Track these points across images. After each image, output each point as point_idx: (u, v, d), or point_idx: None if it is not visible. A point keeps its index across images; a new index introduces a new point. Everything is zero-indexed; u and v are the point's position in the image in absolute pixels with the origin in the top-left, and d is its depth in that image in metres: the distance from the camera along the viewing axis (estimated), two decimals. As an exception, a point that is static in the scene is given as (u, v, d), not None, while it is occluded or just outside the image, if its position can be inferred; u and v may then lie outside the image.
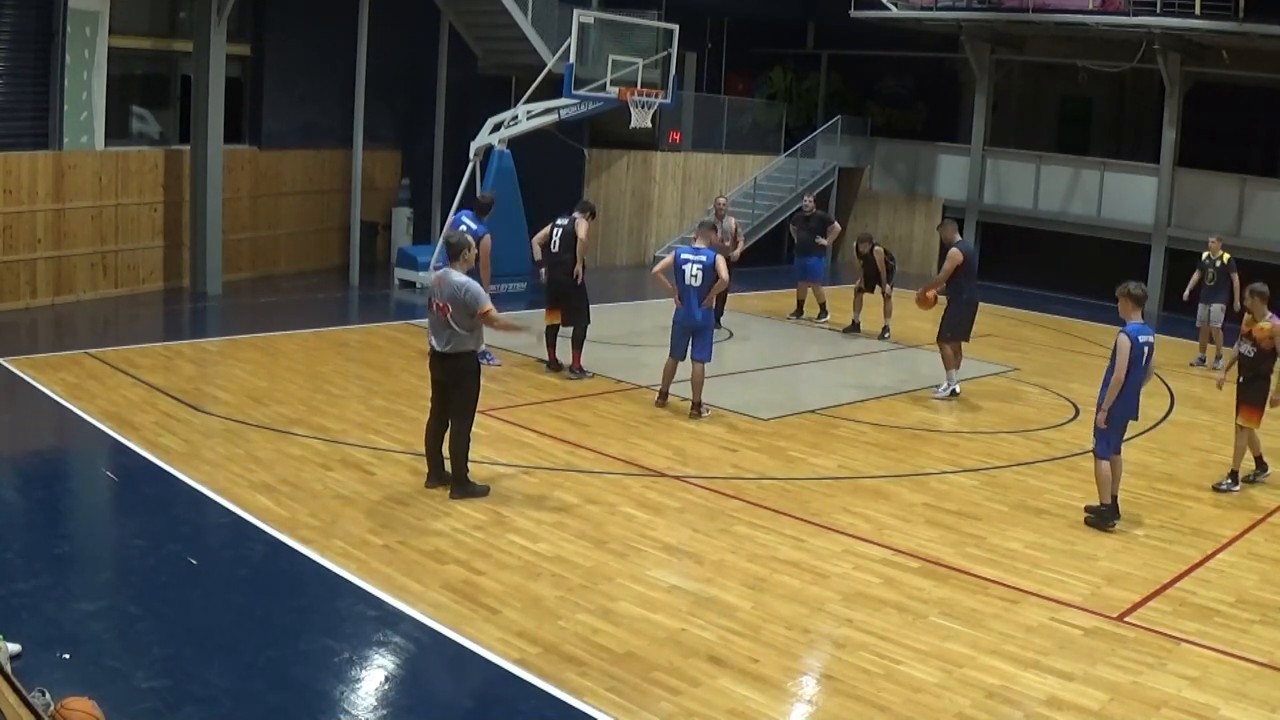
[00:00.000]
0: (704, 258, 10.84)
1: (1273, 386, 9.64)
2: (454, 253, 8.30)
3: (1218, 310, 14.97)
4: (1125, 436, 9.03)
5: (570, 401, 11.42)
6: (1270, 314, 9.67)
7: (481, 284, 12.06)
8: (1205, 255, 15.17)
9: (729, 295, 17.15)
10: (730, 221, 16.45)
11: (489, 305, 8.16)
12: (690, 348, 11.03)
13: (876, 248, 15.93)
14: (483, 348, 12.52)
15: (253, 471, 8.70)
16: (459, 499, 8.31)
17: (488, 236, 12.11)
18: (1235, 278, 14.70)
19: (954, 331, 12.38)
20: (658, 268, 11.40)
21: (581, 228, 12.20)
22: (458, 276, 8.14)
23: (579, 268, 12.19)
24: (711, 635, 6.44)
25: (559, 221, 12.31)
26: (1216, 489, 9.69)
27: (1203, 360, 15.10)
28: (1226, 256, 14.93)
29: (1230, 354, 9.89)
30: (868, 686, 5.95)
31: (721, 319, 16.70)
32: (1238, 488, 9.71)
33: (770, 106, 25.02)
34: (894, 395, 12.57)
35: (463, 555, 7.38)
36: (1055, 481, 9.73)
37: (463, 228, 12.43)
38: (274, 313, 15.38)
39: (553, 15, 18.76)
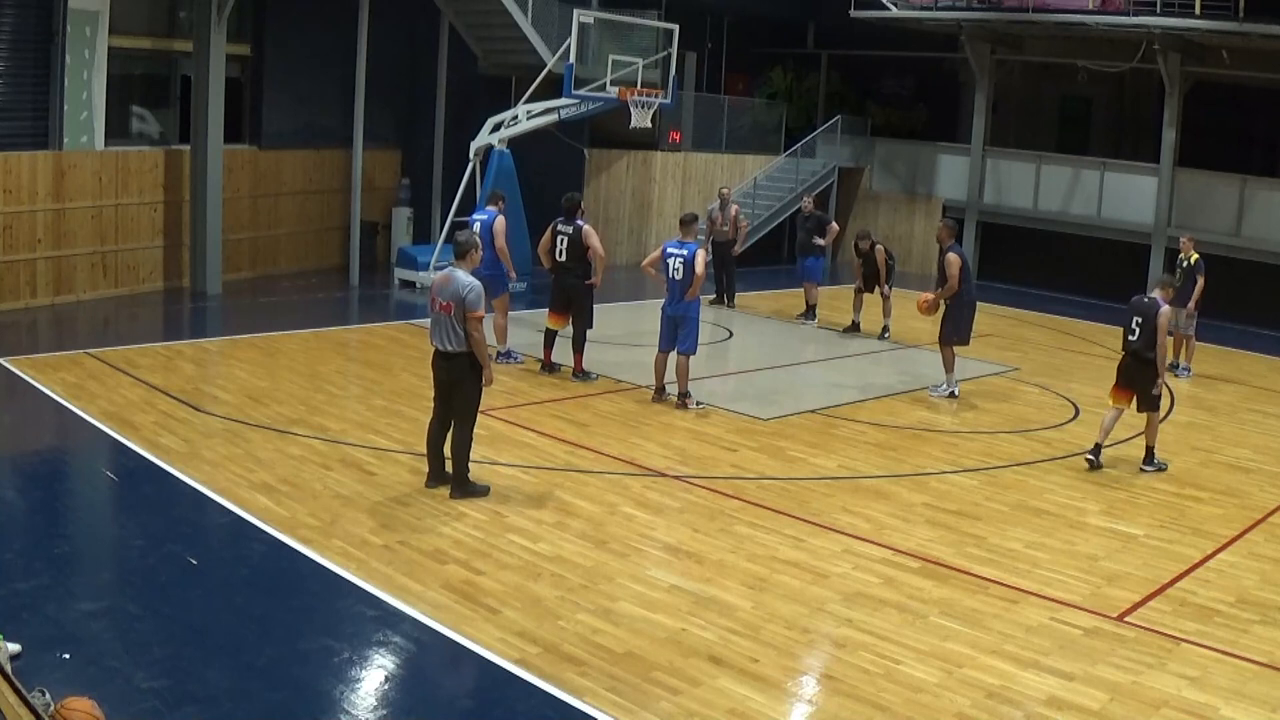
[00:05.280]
0: (685, 252, 11.06)
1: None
2: (461, 252, 8.31)
3: (1182, 315, 14.07)
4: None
5: (570, 401, 11.42)
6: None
7: (505, 265, 12.34)
8: (1179, 256, 14.65)
9: (736, 292, 17.52)
10: (733, 209, 17.53)
11: (482, 313, 8.18)
12: (675, 340, 11.19)
13: (878, 245, 15.84)
14: (506, 347, 12.72)
15: (253, 471, 8.70)
16: (459, 499, 8.31)
17: (500, 218, 12.30)
18: (1200, 280, 14.15)
19: (959, 334, 12.37)
20: (646, 260, 11.88)
21: (592, 238, 12.01)
22: (464, 276, 8.13)
23: (598, 279, 12.17)
24: (711, 635, 6.44)
25: (560, 228, 12.06)
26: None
27: (1174, 366, 14.37)
28: (1195, 257, 14.31)
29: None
30: (868, 686, 5.95)
31: (734, 301, 17.42)
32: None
33: (770, 106, 25.01)
34: (894, 395, 12.57)
35: (463, 555, 7.38)
36: (1055, 481, 9.73)
37: (476, 221, 12.50)
38: (274, 313, 15.38)
39: (553, 15, 18.75)
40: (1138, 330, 9.94)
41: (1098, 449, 10.08)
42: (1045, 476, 9.88)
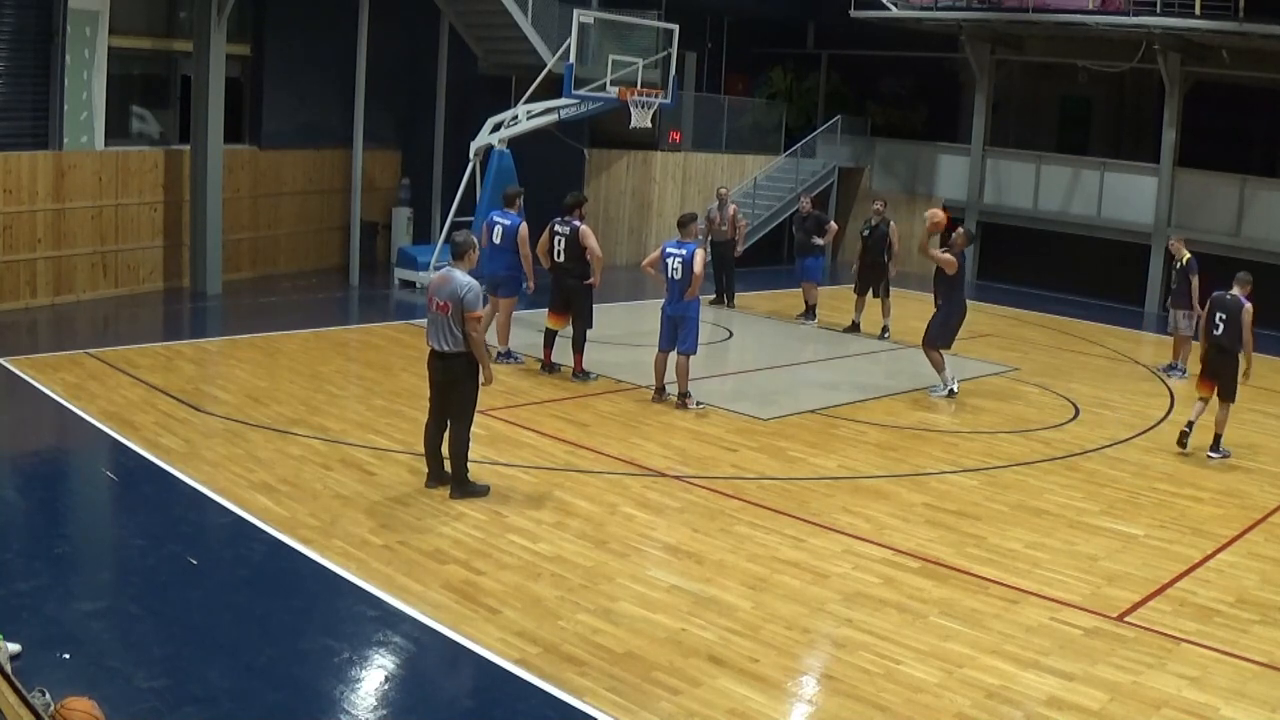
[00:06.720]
0: (684, 252, 11.10)
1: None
2: (458, 252, 8.31)
3: (1180, 316, 14.15)
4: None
5: (570, 401, 11.42)
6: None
7: (525, 271, 12.25)
8: (1173, 258, 14.47)
9: (736, 292, 17.52)
10: (731, 209, 17.58)
11: (480, 313, 8.20)
12: (675, 340, 11.20)
13: (892, 224, 15.67)
14: (507, 348, 12.71)
15: (253, 471, 8.70)
16: (459, 499, 8.31)
17: (523, 225, 12.26)
18: (1195, 280, 13.87)
19: (942, 339, 12.38)
20: (646, 260, 11.94)
21: (589, 239, 12.01)
22: (461, 276, 8.13)
23: (597, 279, 12.17)
24: (711, 635, 6.44)
25: (557, 229, 12.09)
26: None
27: (1173, 368, 14.38)
28: (1187, 257, 14.09)
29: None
30: (868, 686, 5.95)
31: (734, 301, 17.48)
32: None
33: (770, 106, 25.01)
34: (894, 395, 12.57)
35: (463, 555, 7.38)
36: (1055, 481, 9.73)
37: (498, 225, 12.46)
38: (274, 313, 15.37)
39: (553, 15, 18.75)
40: (1222, 325, 10.65)
41: (1186, 433, 10.84)
42: (1045, 476, 9.88)
